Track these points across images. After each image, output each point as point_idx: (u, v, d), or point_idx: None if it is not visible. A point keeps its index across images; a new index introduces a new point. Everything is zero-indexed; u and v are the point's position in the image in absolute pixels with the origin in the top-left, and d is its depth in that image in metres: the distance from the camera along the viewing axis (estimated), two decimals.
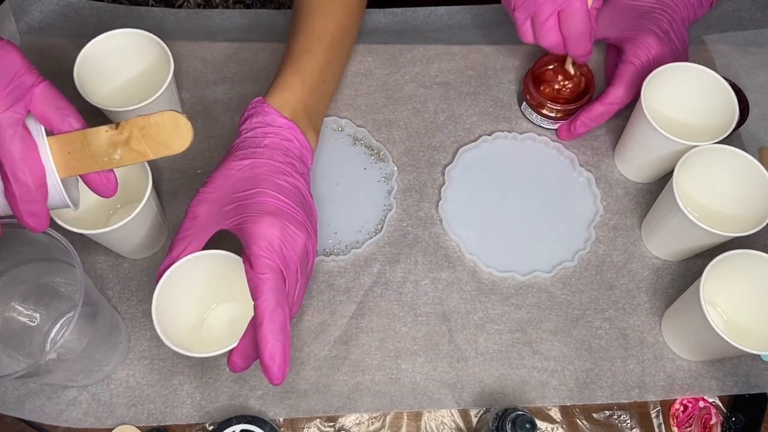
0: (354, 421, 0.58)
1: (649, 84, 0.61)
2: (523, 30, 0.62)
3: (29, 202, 0.44)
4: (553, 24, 0.59)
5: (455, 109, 0.71)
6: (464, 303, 0.62)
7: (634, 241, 0.66)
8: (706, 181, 0.61)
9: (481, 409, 0.59)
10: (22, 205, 0.44)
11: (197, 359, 0.58)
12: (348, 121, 0.69)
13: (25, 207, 0.44)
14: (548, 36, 0.60)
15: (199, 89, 0.71)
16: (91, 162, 0.45)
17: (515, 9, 0.60)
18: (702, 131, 0.63)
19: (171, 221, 0.64)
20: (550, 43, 0.61)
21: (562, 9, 0.58)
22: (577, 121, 0.66)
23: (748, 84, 0.73)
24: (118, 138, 0.44)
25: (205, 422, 0.56)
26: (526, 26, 0.61)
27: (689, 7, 0.67)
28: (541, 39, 0.61)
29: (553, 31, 0.60)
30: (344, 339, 0.60)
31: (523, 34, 0.62)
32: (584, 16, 0.58)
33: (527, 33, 0.62)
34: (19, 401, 0.56)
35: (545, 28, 0.60)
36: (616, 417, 0.59)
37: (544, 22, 0.59)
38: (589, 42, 0.61)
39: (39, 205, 0.44)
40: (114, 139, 0.44)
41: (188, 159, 0.67)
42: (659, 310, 0.63)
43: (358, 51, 0.74)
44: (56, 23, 0.73)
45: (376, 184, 0.67)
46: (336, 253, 0.63)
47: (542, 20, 0.59)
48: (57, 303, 0.57)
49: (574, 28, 0.59)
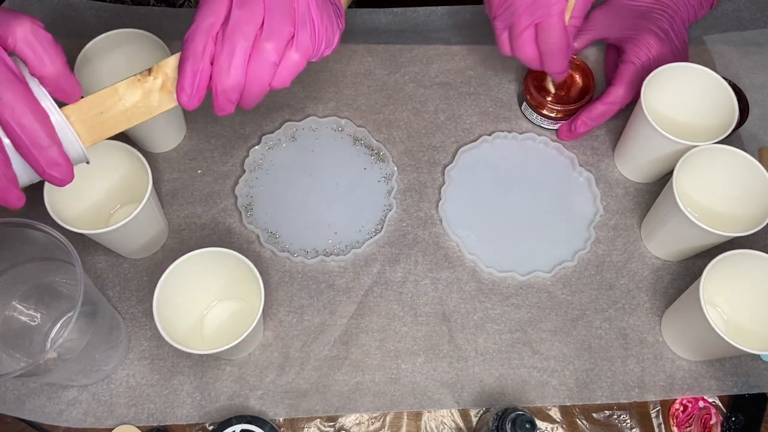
0: (354, 421, 0.58)
1: (649, 84, 0.61)
2: (501, 40, 0.61)
3: (45, 148, 0.40)
4: (529, 37, 0.58)
5: (455, 109, 0.71)
6: (464, 303, 0.62)
7: (634, 241, 0.66)
8: (706, 181, 0.61)
9: (481, 409, 0.59)
10: (40, 154, 0.39)
11: (197, 358, 0.58)
12: (348, 121, 0.69)
13: (43, 155, 0.40)
14: (524, 49, 0.59)
15: None
16: (127, 118, 0.43)
17: (495, 18, 0.59)
18: (702, 131, 0.63)
19: (171, 221, 0.64)
20: (526, 56, 0.59)
21: (539, 22, 0.57)
22: (577, 120, 0.66)
23: (748, 84, 0.73)
24: (153, 85, 0.43)
25: (205, 422, 0.56)
26: (503, 36, 0.60)
27: (689, 7, 0.67)
28: (517, 51, 0.59)
29: (528, 44, 0.58)
30: (344, 339, 0.60)
31: (500, 45, 0.61)
32: (561, 31, 0.57)
33: (504, 44, 0.61)
34: (19, 401, 0.56)
35: (521, 40, 0.58)
36: (616, 417, 0.59)
37: (520, 33, 0.58)
38: (565, 59, 0.59)
39: (57, 149, 0.40)
40: (148, 86, 0.43)
41: (188, 159, 0.67)
42: (659, 310, 0.63)
43: (358, 51, 0.74)
44: (56, 23, 0.73)
45: (376, 184, 0.67)
46: (336, 253, 0.63)
47: (518, 32, 0.58)
48: (57, 302, 0.57)
49: (550, 43, 0.57)
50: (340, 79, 0.72)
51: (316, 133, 0.69)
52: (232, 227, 0.64)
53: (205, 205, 0.65)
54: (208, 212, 0.65)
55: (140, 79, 0.43)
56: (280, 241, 0.64)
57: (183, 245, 0.63)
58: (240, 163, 0.67)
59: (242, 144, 0.68)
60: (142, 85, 0.43)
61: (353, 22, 0.76)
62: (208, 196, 0.65)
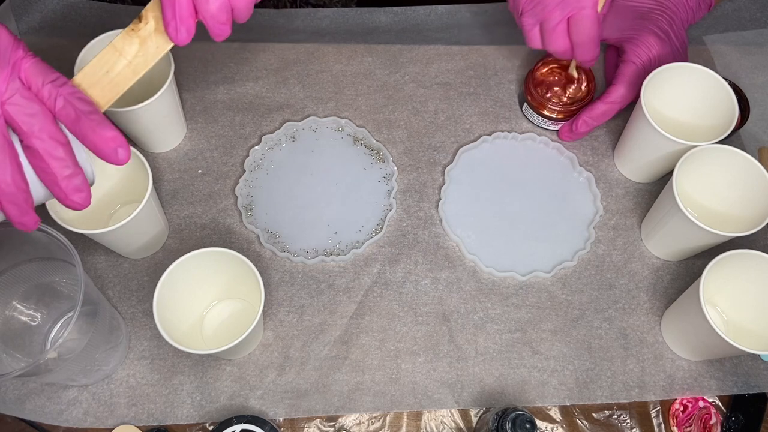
0: (354, 421, 0.58)
1: (649, 84, 0.61)
2: (531, 35, 0.61)
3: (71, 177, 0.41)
4: (562, 30, 0.59)
5: (455, 109, 0.71)
6: (464, 303, 0.62)
7: (634, 241, 0.66)
8: (706, 181, 0.61)
9: (481, 409, 0.59)
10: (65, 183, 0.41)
11: (197, 358, 0.58)
12: (348, 121, 0.69)
13: (67, 183, 0.41)
14: (557, 42, 0.59)
15: (199, 89, 0.71)
16: (132, 70, 0.44)
17: (523, 14, 0.60)
18: (702, 131, 0.63)
19: (171, 221, 0.64)
20: (559, 48, 0.60)
21: (572, 15, 0.57)
22: (579, 120, 0.66)
23: (748, 84, 0.73)
24: (146, 30, 0.43)
25: (205, 422, 0.57)
26: (534, 32, 0.61)
27: (687, 9, 0.67)
28: (550, 45, 0.60)
29: (562, 38, 0.59)
30: (344, 339, 0.60)
31: (530, 40, 0.61)
32: (594, 22, 0.57)
33: (535, 38, 0.61)
34: (19, 401, 0.56)
35: (555, 35, 0.59)
36: (616, 417, 0.59)
37: (554, 27, 0.58)
38: (597, 47, 0.60)
39: (82, 177, 0.41)
40: (143, 33, 0.43)
41: (188, 159, 0.67)
42: (659, 310, 0.63)
43: (358, 51, 0.74)
44: (56, 23, 0.73)
45: (376, 184, 0.67)
46: (336, 253, 0.63)
47: (552, 26, 0.58)
48: (57, 302, 0.57)
49: (583, 34, 0.58)
50: (340, 79, 0.72)
51: (316, 133, 0.69)
52: (232, 227, 0.64)
53: (205, 205, 0.65)
54: (208, 212, 0.65)
55: (133, 29, 0.43)
56: (280, 241, 0.64)
57: (183, 245, 0.63)
58: (240, 163, 0.67)
59: (242, 144, 0.68)
60: (137, 34, 0.43)
61: (353, 21, 0.76)
62: (208, 196, 0.65)
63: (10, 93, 0.39)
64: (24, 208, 0.41)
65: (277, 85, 0.71)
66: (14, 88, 0.39)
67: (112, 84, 0.44)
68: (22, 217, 0.41)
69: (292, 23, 0.76)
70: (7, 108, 0.39)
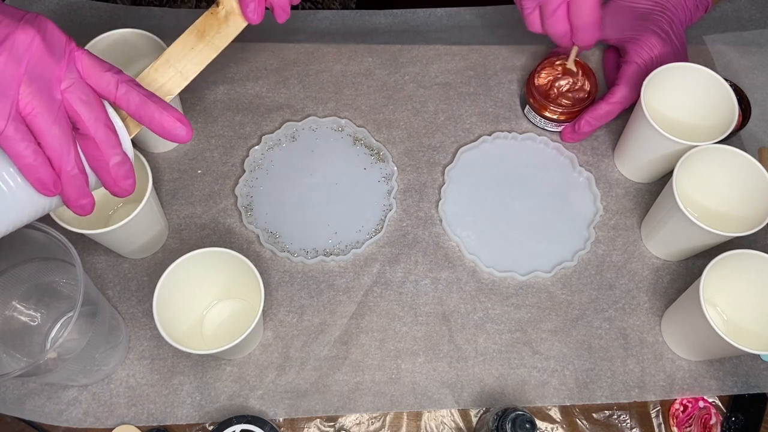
0: (354, 421, 0.58)
1: (649, 84, 0.61)
2: (531, 19, 0.62)
3: (120, 165, 0.43)
4: (562, 13, 0.59)
5: (455, 110, 0.71)
6: (464, 303, 0.62)
7: (633, 241, 0.66)
8: (706, 181, 0.61)
9: (481, 409, 0.59)
10: (116, 170, 0.43)
11: (197, 358, 0.58)
12: (348, 121, 0.69)
13: (117, 170, 0.43)
14: (557, 25, 0.60)
15: (199, 89, 0.71)
16: (211, 46, 0.49)
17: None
18: (702, 131, 0.63)
19: (171, 221, 0.64)
20: (559, 32, 0.61)
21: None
22: (581, 120, 0.66)
23: (748, 84, 0.73)
24: (223, 12, 0.50)
25: (205, 422, 0.56)
26: (534, 15, 0.61)
27: (686, 10, 0.67)
28: (550, 28, 0.61)
29: (561, 21, 0.60)
30: (344, 339, 0.60)
31: (530, 23, 0.62)
32: (595, 5, 0.58)
33: (535, 22, 0.62)
34: (19, 401, 0.56)
35: (555, 18, 0.60)
36: (616, 417, 0.59)
37: (554, 11, 0.59)
38: (598, 31, 0.60)
39: (129, 164, 0.44)
40: (221, 15, 0.50)
41: (188, 159, 0.67)
42: (659, 310, 0.63)
43: (358, 51, 0.74)
44: (56, 23, 0.73)
45: (376, 184, 0.67)
46: (336, 253, 0.63)
47: (552, 9, 0.59)
48: (57, 302, 0.57)
49: (583, 17, 0.59)
50: (340, 79, 0.72)
51: (316, 133, 0.69)
52: (232, 227, 0.64)
53: (205, 205, 0.65)
54: (208, 212, 0.65)
55: (212, 12, 0.50)
56: (280, 241, 0.64)
57: (183, 245, 0.63)
58: (240, 163, 0.67)
59: (242, 144, 0.68)
60: (216, 17, 0.50)
61: (353, 23, 0.76)
62: (208, 196, 0.65)
63: (69, 82, 0.41)
64: (85, 190, 0.43)
65: (277, 85, 0.71)
66: (72, 77, 0.41)
67: (195, 60, 0.49)
68: (82, 199, 0.43)
69: (292, 24, 0.76)
70: (67, 96, 0.41)
